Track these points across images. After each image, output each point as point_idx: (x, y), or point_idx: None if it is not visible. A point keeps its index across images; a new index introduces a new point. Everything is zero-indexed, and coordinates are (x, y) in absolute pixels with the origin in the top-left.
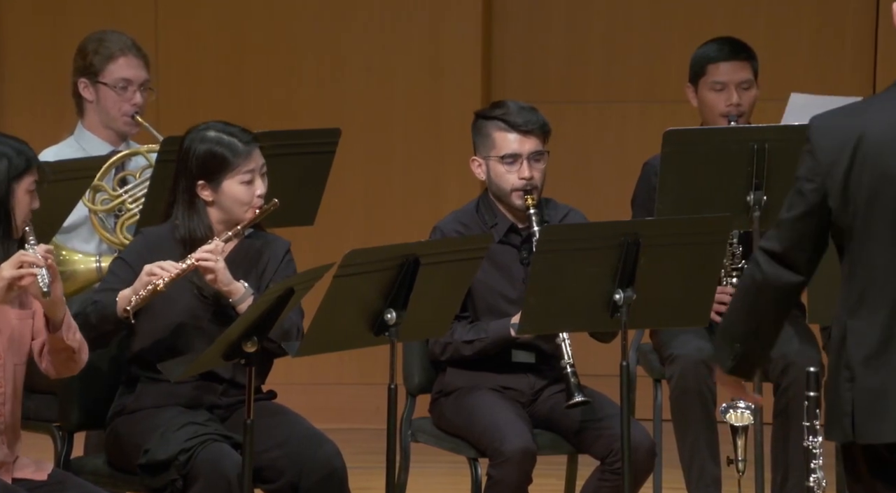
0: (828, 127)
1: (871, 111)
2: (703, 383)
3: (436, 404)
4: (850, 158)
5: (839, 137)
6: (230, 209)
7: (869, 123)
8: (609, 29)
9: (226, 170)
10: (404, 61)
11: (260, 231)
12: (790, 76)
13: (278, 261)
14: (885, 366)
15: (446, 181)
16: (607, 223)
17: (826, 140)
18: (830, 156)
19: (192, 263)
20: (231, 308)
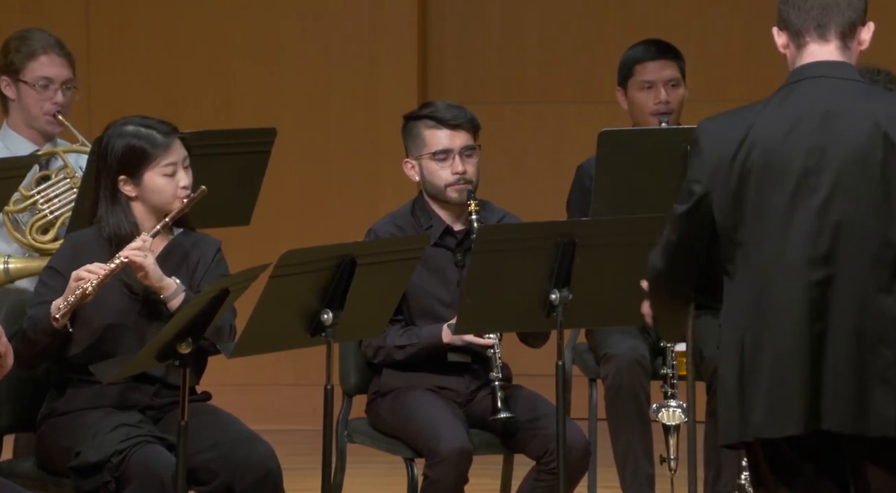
0: (715, 130)
1: (757, 114)
2: (637, 382)
3: (372, 405)
4: (736, 159)
5: (726, 139)
6: (155, 203)
7: (756, 124)
8: (545, 30)
9: (146, 163)
10: (340, 62)
11: (190, 231)
12: (722, 78)
13: (209, 260)
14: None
15: (383, 182)
16: (543, 223)
17: (713, 142)
18: (716, 157)
19: (120, 261)
20: (163, 305)
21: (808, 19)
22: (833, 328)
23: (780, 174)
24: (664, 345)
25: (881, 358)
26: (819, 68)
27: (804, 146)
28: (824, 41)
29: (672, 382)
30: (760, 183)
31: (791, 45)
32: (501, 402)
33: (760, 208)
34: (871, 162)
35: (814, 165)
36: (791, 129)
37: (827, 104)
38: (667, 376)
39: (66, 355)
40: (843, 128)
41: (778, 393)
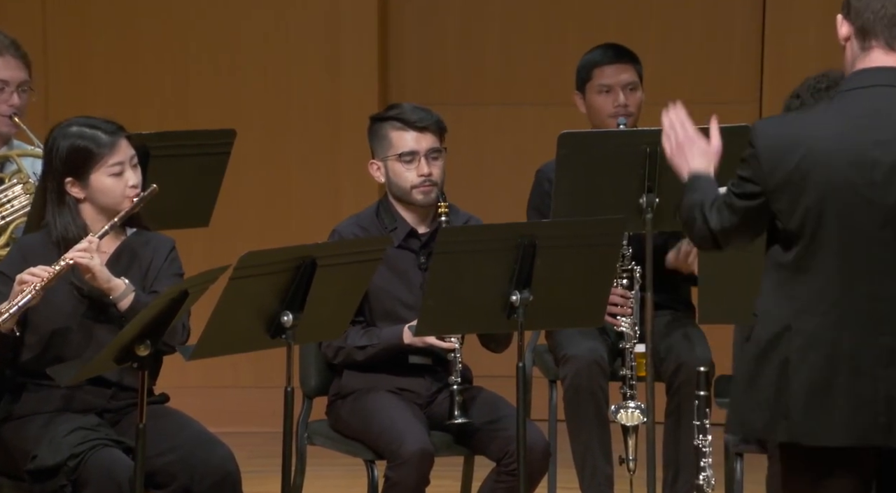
0: (771, 134)
1: (812, 122)
2: (595, 383)
3: (332, 407)
4: (794, 167)
5: (782, 145)
6: (104, 204)
7: (812, 132)
8: (504, 32)
9: (92, 163)
10: (300, 63)
11: (143, 230)
12: (680, 82)
13: (162, 259)
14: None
15: (343, 183)
16: (504, 225)
17: (769, 146)
18: (772, 162)
19: (65, 263)
20: (113, 306)
21: (878, 23)
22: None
23: (843, 184)
24: (623, 346)
25: None
26: (883, 76)
27: (871, 157)
28: (891, 50)
29: (631, 383)
30: (822, 192)
31: (854, 41)
32: (458, 407)
33: (822, 217)
34: None
35: (880, 178)
36: (854, 139)
37: (891, 116)
38: (626, 377)
39: (19, 360)
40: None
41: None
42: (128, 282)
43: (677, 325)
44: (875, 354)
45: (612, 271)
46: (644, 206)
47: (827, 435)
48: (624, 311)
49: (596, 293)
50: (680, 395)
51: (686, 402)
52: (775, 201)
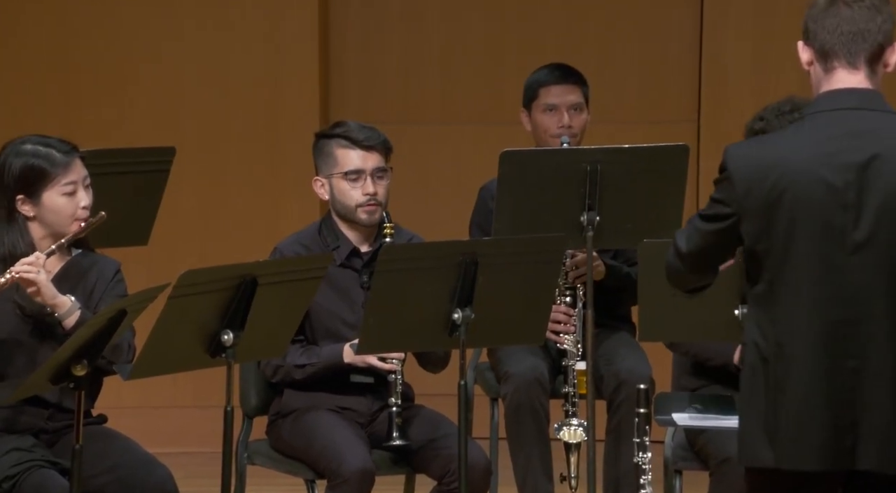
0: (744, 156)
1: (785, 144)
2: (536, 400)
3: (273, 426)
4: (769, 189)
5: (756, 167)
6: (53, 223)
7: (785, 154)
8: (445, 50)
9: (44, 182)
10: (240, 80)
11: (89, 251)
12: (618, 102)
13: (107, 280)
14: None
15: (285, 201)
16: (446, 243)
17: (741, 168)
18: (747, 184)
19: (10, 276)
20: (58, 325)
21: (837, 44)
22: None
23: (815, 208)
24: (565, 363)
25: None
26: (852, 98)
27: (841, 180)
28: (854, 69)
29: (573, 400)
30: (794, 215)
31: (817, 64)
32: (397, 428)
33: (793, 241)
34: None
35: (851, 200)
36: (826, 161)
37: (862, 139)
38: (568, 394)
39: None
40: (883, 166)
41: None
42: (73, 299)
43: (618, 342)
44: (843, 378)
45: (553, 288)
46: (585, 223)
47: (805, 460)
48: (567, 328)
49: (537, 311)
50: (620, 412)
51: (626, 419)
52: (749, 223)
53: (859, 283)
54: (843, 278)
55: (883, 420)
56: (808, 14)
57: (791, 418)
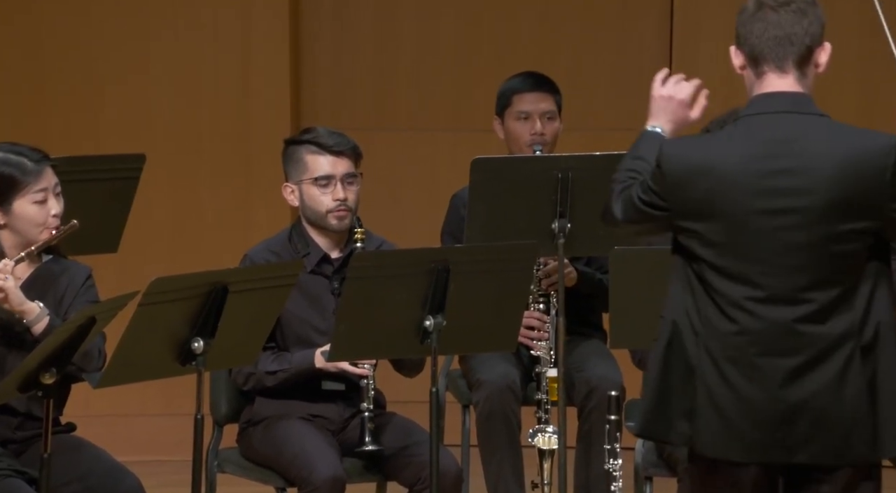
0: (676, 156)
1: (717, 146)
2: (508, 407)
3: (244, 434)
4: (702, 191)
5: (689, 168)
6: (24, 231)
7: (717, 157)
8: (417, 57)
9: (15, 190)
10: (211, 86)
11: (60, 257)
12: (591, 109)
13: (77, 287)
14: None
15: (256, 208)
16: (418, 250)
17: (676, 169)
18: (680, 185)
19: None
20: (26, 332)
21: (765, 49)
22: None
23: (743, 210)
24: (538, 370)
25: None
26: (781, 102)
27: (769, 185)
28: (783, 73)
29: (546, 407)
30: (724, 216)
31: (749, 68)
32: (369, 434)
33: (724, 241)
34: (835, 202)
35: (779, 204)
36: (754, 163)
37: (791, 143)
38: (540, 401)
39: None
40: (809, 168)
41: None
42: (42, 305)
43: (589, 350)
44: (774, 374)
45: (524, 295)
46: (556, 231)
47: (729, 450)
48: (541, 335)
49: (509, 318)
50: (591, 419)
51: (597, 426)
52: (680, 221)
53: (789, 283)
54: (772, 278)
55: (819, 415)
56: (738, 19)
57: (716, 408)
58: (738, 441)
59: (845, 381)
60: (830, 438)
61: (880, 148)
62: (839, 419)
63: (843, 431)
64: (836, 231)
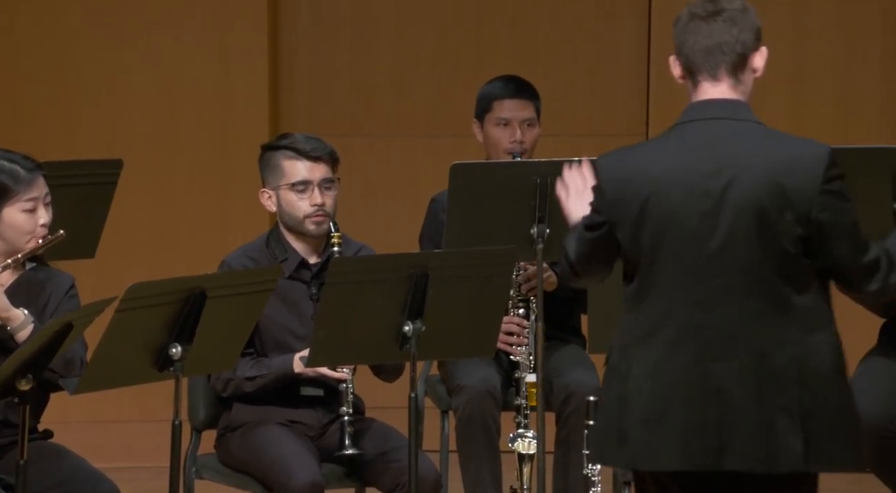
0: (610, 166)
1: (649, 154)
2: (488, 413)
3: (222, 440)
4: (634, 198)
5: (623, 177)
6: (11, 239)
7: (649, 164)
8: (395, 63)
9: (6, 198)
10: (189, 92)
11: (43, 265)
12: (568, 114)
13: (61, 295)
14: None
15: (234, 213)
16: (396, 255)
17: (611, 179)
18: (615, 194)
19: None
20: (10, 339)
21: (698, 59)
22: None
23: (676, 214)
24: (517, 376)
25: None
26: (715, 108)
27: (700, 189)
28: (716, 81)
29: (525, 412)
30: (658, 221)
31: (686, 78)
32: (349, 438)
33: (658, 246)
34: (765, 207)
35: (709, 207)
36: (687, 170)
37: (723, 148)
38: (520, 406)
39: None
40: (739, 173)
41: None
42: (27, 312)
43: (568, 354)
44: (706, 380)
45: (503, 300)
46: (535, 236)
47: (662, 460)
48: (520, 340)
49: (488, 323)
50: (570, 424)
51: (576, 431)
52: (619, 231)
53: (718, 287)
54: (703, 283)
55: (749, 422)
56: (674, 30)
57: (647, 420)
58: (672, 451)
59: (779, 390)
60: (760, 446)
61: (813, 155)
62: (770, 427)
63: (774, 440)
64: (769, 234)
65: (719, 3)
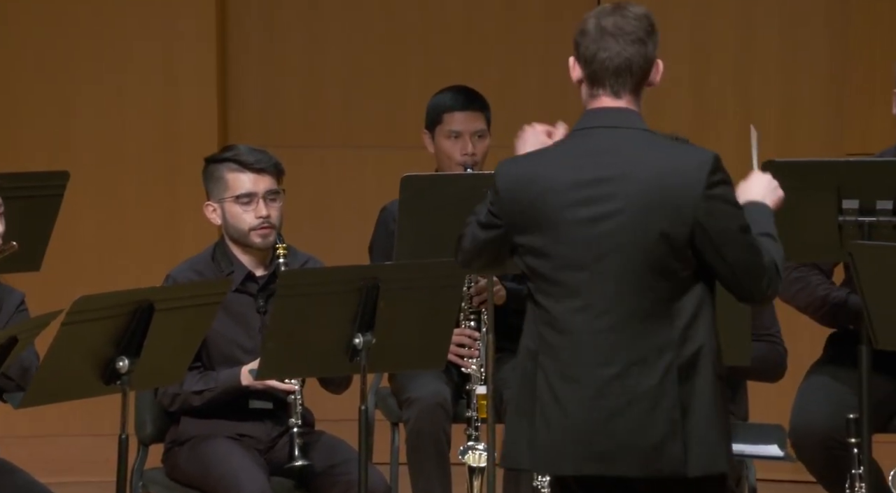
0: (507, 172)
1: (544, 160)
2: (438, 426)
3: (169, 454)
4: (529, 204)
5: (519, 182)
6: None
7: (544, 170)
8: (345, 74)
9: None
10: (136, 103)
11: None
12: (519, 125)
13: (11, 312)
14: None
15: (182, 226)
16: (347, 268)
17: (509, 184)
18: (512, 200)
19: None
20: None
21: (605, 75)
22: (619, 373)
23: (564, 219)
24: (468, 388)
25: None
26: (608, 117)
27: (586, 195)
28: (617, 98)
29: (476, 424)
30: (547, 226)
31: (585, 85)
32: (298, 449)
33: (549, 251)
34: (650, 213)
35: (597, 213)
36: (575, 176)
37: (611, 155)
38: (471, 418)
39: None
40: (625, 179)
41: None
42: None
43: None
44: (597, 385)
45: (454, 312)
46: None
47: (557, 465)
48: (471, 352)
49: (439, 336)
50: None
51: None
52: (517, 235)
53: (605, 292)
54: (591, 287)
55: (633, 427)
56: (580, 38)
57: (548, 425)
58: (566, 455)
59: (660, 394)
60: (643, 450)
61: (697, 162)
62: (652, 431)
63: (655, 444)
64: (653, 240)
65: (628, 18)
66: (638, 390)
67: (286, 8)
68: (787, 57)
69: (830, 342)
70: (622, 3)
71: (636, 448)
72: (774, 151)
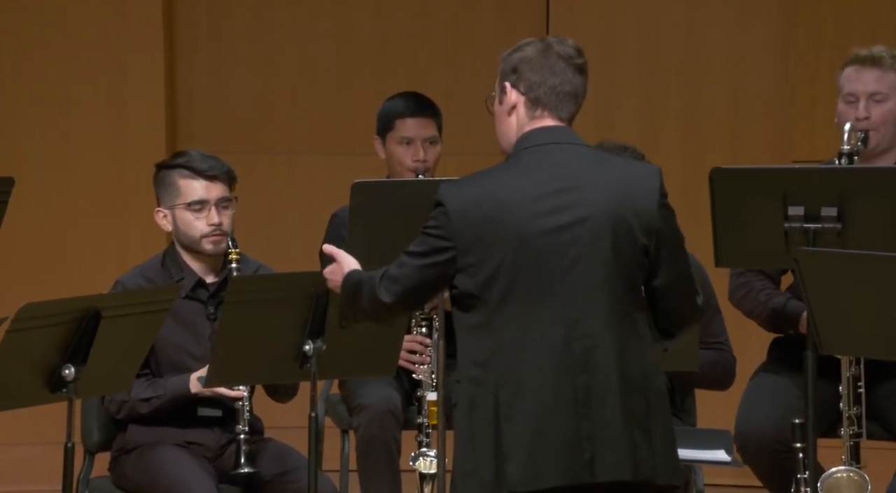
0: (456, 193)
1: (496, 180)
2: (389, 432)
3: (116, 462)
4: (484, 222)
5: (471, 202)
6: None
7: (497, 189)
8: (295, 80)
9: None
10: (83, 109)
11: None
12: (469, 132)
13: None
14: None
15: (131, 232)
16: (297, 274)
17: (459, 205)
18: (463, 220)
19: None
20: None
21: (551, 101)
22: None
23: (528, 234)
24: (419, 394)
25: (639, 407)
26: (553, 134)
27: (551, 206)
28: (560, 120)
29: (427, 431)
30: (510, 242)
31: (522, 108)
32: (245, 456)
33: (513, 266)
34: (616, 222)
35: (562, 224)
36: (535, 191)
37: (566, 168)
38: (421, 425)
39: None
40: (586, 190)
41: (541, 447)
42: None
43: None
44: (574, 393)
45: (405, 319)
46: None
47: (541, 479)
48: (422, 359)
49: (389, 342)
50: None
51: None
52: (466, 256)
53: (577, 302)
54: (562, 299)
55: (615, 433)
56: (521, 59)
57: (523, 441)
58: (549, 468)
59: (634, 403)
60: (627, 457)
61: (649, 171)
62: (631, 438)
63: (635, 450)
64: (619, 247)
65: (570, 48)
66: (619, 397)
67: (234, 14)
68: (733, 65)
69: (774, 346)
70: (559, 37)
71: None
72: (721, 158)
